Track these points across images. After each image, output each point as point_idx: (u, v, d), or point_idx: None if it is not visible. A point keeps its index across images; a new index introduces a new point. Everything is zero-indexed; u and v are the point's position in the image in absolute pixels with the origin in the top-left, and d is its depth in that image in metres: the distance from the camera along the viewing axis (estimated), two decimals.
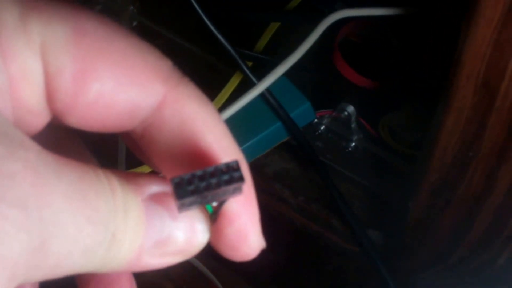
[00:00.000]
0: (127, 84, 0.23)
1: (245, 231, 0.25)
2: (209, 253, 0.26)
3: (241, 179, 0.22)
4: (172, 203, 0.23)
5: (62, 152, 0.21)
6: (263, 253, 0.26)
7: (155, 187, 0.23)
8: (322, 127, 0.61)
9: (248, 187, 0.25)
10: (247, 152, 0.54)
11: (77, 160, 0.21)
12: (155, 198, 0.23)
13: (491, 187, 0.43)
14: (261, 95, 0.59)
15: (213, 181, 0.22)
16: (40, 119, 0.24)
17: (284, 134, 0.60)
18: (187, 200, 0.22)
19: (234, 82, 0.63)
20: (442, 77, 0.40)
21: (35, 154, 0.20)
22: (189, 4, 0.57)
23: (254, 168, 0.25)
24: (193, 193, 0.21)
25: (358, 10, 0.60)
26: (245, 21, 0.68)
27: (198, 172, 0.22)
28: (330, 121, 0.61)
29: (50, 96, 0.23)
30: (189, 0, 0.56)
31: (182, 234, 0.23)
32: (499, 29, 0.35)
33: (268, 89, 0.59)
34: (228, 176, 0.22)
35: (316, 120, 0.61)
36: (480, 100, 0.39)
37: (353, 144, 0.60)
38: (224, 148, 0.24)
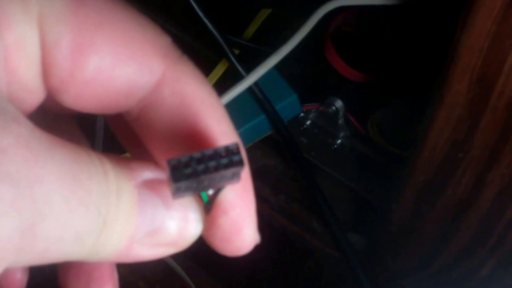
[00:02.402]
0: (126, 59, 0.23)
1: (240, 222, 0.24)
2: (184, 254, 0.25)
3: (240, 163, 0.21)
4: (166, 191, 0.22)
5: (56, 134, 0.20)
6: None
7: (148, 173, 0.22)
8: (308, 122, 0.59)
9: (246, 176, 0.24)
10: None
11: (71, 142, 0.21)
12: (149, 185, 0.22)
13: (479, 192, 0.42)
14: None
15: (212, 164, 0.21)
16: (34, 97, 0.23)
17: (267, 128, 0.59)
18: (184, 184, 0.21)
19: (219, 70, 0.61)
20: (435, 71, 0.38)
21: (29, 130, 0.19)
22: None
23: None
24: (190, 176, 0.21)
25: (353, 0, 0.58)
26: (235, 7, 0.66)
27: (196, 155, 0.21)
28: (317, 116, 0.59)
29: (46, 70, 0.22)
30: None
31: (175, 224, 0.23)
32: (499, 21, 0.33)
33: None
34: (227, 159, 0.21)
35: (302, 114, 0.59)
36: (475, 97, 0.37)
37: (339, 141, 0.58)
38: (223, 131, 0.23)
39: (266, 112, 0.57)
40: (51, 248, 0.19)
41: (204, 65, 0.59)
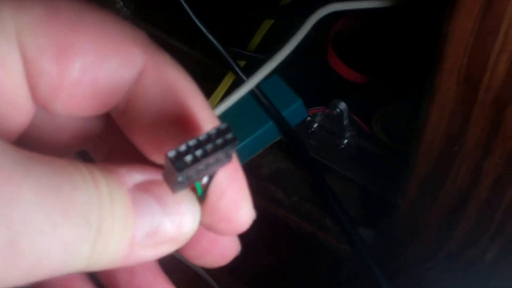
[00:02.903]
0: (108, 55, 0.23)
1: (237, 199, 0.24)
2: None
3: (234, 139, 0.21)
4: (159, 190, 0.22)
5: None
6: (258, 254, 0.25)
7: (138, 176, 0.22)
8: (315, 125, 0.60)
9: (233, 155, 0.24)
10: (240, 154, 0.54)
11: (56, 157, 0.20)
12: (141, 187, 0.22)
13: (476, 182, 0.43)
14: (252, 94, 0.59)
15: (209, 147, 0.21)
16: (23, 113, 0.23)
17: (276, 134, 0.60)
18: (185, 174, 0.21)
19: (227, 82, 0.62)
20: (427, 70, 0.40)
21: None
22: (181, 4, 0.57)
23: (248, 169, 0.26)
24: (192, 163, 0.21)
25: (347, 4, 0.59)
26: (239, 19, 0.67)
27: (192, 142, 0.21)
28: (323, 119, 0.60)
29: (33, 82, 0.22)
30: (179, 0, 0.56)
31: (173, 221, 0.22)
32: (480, 20, 0.35)
33: (259, 88, 0.59)
34: (221, 139, 0.21)
35: (309, 118, 0.60)
36: (463, 93, 0.39)
37: (346, 141, 0.59)
38: (207, 116, 0.24)
39: (273, 119, 0.58)
40: (41, 262, 0.19)
41: (213, 79, 0.62)
